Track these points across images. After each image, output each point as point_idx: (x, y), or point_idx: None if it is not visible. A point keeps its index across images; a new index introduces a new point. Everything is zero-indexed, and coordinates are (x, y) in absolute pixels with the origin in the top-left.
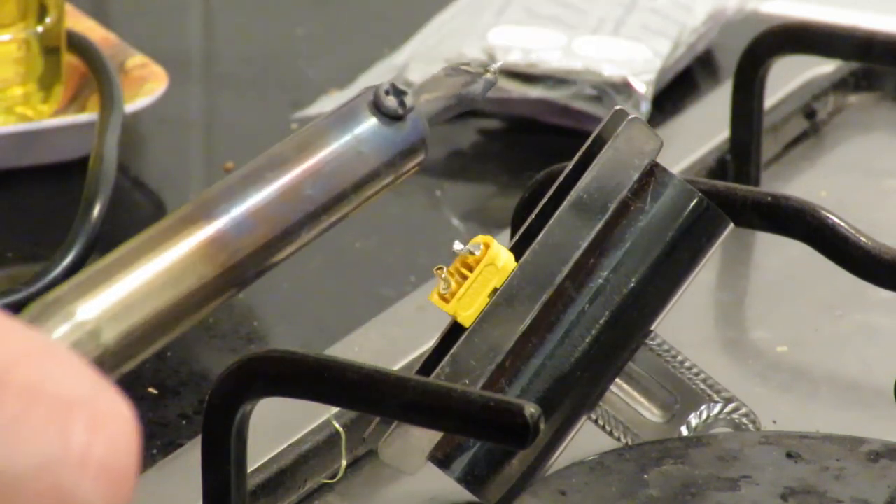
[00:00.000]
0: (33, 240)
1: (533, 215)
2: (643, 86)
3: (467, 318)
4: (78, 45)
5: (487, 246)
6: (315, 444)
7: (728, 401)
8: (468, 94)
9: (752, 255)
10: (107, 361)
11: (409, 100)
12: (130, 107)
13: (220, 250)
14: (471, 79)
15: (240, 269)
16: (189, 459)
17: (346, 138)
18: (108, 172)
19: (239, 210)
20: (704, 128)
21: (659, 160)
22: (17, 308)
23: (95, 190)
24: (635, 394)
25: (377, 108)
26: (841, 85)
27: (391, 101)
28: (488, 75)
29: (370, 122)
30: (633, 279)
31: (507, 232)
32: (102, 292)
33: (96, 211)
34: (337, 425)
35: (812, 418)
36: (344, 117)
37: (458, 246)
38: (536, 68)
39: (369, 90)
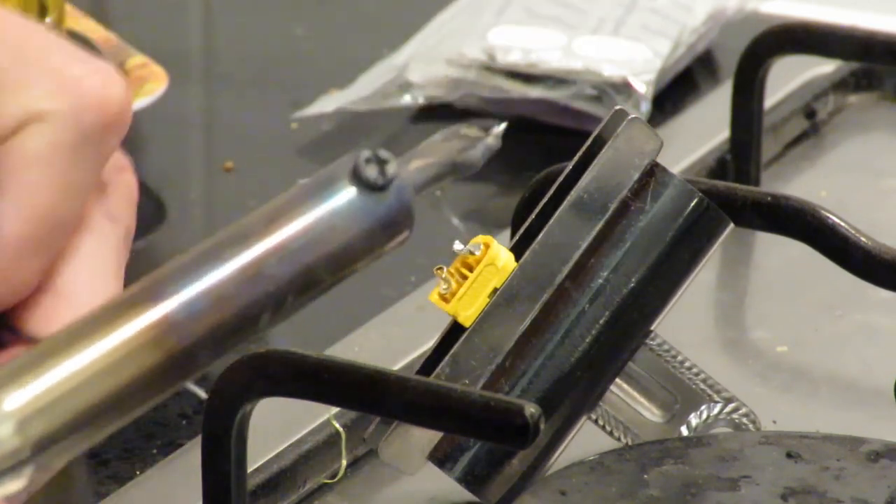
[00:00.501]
0: None
1: (533, 215)
2: (643, 86)
3: (467, 318)
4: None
5: (487, 246)
6: (315, 444)
7: (728, 401)
8: (465, 160)
9: (752, 255)
10: (35, 457)
11: (391, 168)
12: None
13: (167, 335)
14: (469, 143)
15: (190, 357)
16: (189, 459)
17: (318, 210)
18: None
19: (190, 290)
20: (704, 128)
21: (659, 160)
22: None
23: None
24: (635, 394)
25: (356, 178)
26: (841, 85)
27: (371, 170)
28: (489, 140)
29: (347, 193)
30: (633, 279)
31: (507, 232)
32: (32, 381)
33: None
34: (337, 425)
35: (812, 418)
36: (318, 187)
37: (458, 246)
38: (536, 68)
39: (350, 157)
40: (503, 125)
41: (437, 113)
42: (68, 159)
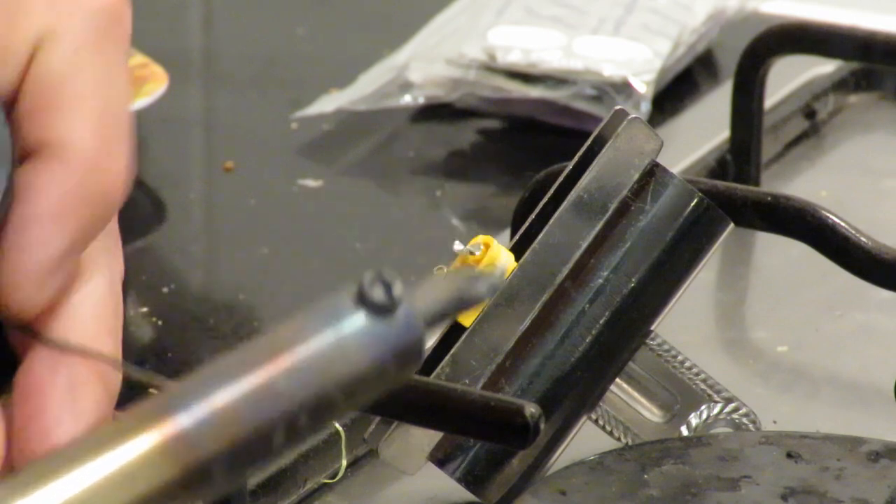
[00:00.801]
0: None
1: (533, 215)
2: (643, 86)
3: (467, 317)
4: None
5: (487, 246)
6: (315, 444)
7: (728, 401)
8: (471, 294)
9: (752, 255)
10: None
11: (398, 289)
12: (131, 107)
13: (184, 449)
14: (473, 278)
15: (207, 473)
16: None
17: (327, 334)
18: None
19: (205, 405)
20: (704, 128)
21: (659, 160)
22: None
23: None
24: (635, 394)
25: (362, 301)
26: (841, 85)
27: (378, 292)
28: (494, 275)
29: (356, 317)
30: (634, 279)
31: (507, 232)
32: (43, 491)
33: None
34: (337, 425)
35: (812, 418)
36: (324, 311)
37: (458, 246)
38: (536, 68)
39: (352, 283)
40: (511, 262)
41: (437, 113)
42: (95, 58)
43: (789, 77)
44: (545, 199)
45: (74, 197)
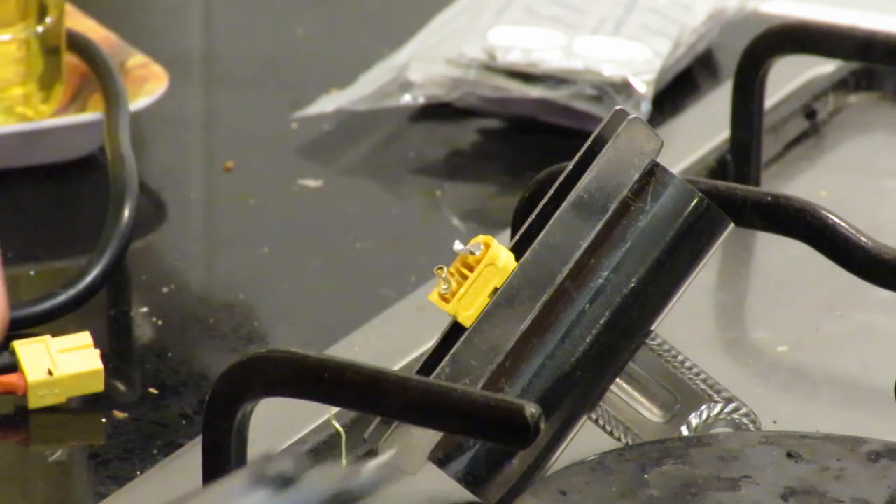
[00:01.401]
0: (33, 240)
1: (533, 215)
2: (643, 86)
3: (467, 318)
4: (79, 44)
5: (487, 246)
6: (315, 444)
7: (728, 401)
8: (352, 485)
9: (752, 255)
10: None
11: (291, 466)
12: (131, 107)
13: None
14: (354, 473)
15: None
16: (189, 459)
17: None
18: (131, 171)
19: None
20: (704, 128)
21: (659, 160)
22: (58, 311)
23: (123, 190)
24: (635, 394)
25: (260, 477)
26: (841, 85)
27: (272, 468)
28: (369, 471)
29: (256, 491)
30: (634, 279)
31: (507, 232)
32: None
33: (127, 211)
34: (337, 425)
35: (812, 418)
36: (228, 489)
37: (458, 246)
38: (536, 68)
39: (252, 463)
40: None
41: (437, 113)
42: None
43: (789, 77)
44: (545, 199)
45: None
